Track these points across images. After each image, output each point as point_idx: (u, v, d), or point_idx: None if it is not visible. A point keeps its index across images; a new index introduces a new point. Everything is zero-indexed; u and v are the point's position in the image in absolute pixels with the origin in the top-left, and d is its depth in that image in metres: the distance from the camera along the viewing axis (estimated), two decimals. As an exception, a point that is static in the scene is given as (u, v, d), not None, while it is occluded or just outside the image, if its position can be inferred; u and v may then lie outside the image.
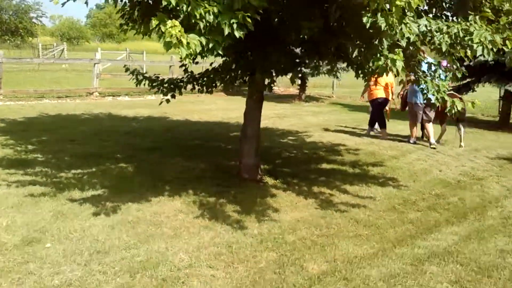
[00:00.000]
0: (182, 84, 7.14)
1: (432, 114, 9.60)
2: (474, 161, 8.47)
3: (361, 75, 6.54)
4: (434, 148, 9.36)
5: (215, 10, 3.78)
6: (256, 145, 6.61)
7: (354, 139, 10.09)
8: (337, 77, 17.82)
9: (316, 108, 16.12)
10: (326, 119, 13.15)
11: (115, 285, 3.53)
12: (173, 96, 7.17)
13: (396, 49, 4.47)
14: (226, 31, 3.83)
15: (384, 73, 7.51)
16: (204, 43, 3.79)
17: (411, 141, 9.82)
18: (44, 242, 4.19)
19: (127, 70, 7.01)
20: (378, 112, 10.66)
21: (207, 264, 3.93)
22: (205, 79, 7.17)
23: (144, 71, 26.15)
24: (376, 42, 4.46)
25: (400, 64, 4.40)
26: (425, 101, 9.07)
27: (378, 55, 4.50)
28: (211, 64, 7.20)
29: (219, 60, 6.71)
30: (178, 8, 3.68)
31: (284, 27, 5.18)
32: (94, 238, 4.31)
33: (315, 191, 6.22)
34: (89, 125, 10.58)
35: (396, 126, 11.57)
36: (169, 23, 3.57)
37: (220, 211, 5.22)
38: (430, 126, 9.66)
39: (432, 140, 9.58)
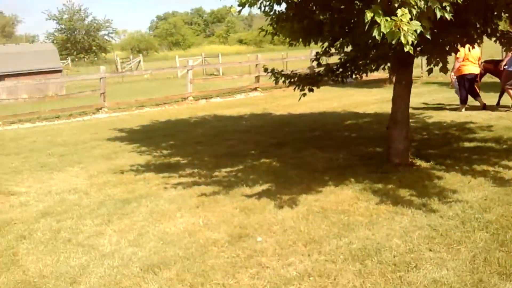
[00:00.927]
0: (319, 77, 7.13)
1: None
2: None
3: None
4: None
5: (426, -5, 3.75)
6: (406, 129, 6.46)
7: (480, 115, 9.67)
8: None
9: (413, 89, 15.59)
10: (432, 99, 12.67)
11: (354, 271, 3.53)
12: (311, 90, 7.21)
13: None
14: (439, 14, 3.78)
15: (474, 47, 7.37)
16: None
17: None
18: (252, 236, 4.28)
19: (265, 70, 7.14)
20: (470, 87, 10.49)
21: (426, 248, 3.86)
22: (341, 69, 7.13)
23: (221, 73, 26.57)
24: None
25: None
26: None
27: None
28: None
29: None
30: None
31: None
32: (297, 230, 4.35)
33: (478, 169, 5.97)
34: (203, 127, 10.82)
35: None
36: (399, 11, 3.57)
37: (397, 196, 5.12)
38: None
39: None
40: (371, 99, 13.71)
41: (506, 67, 10.11)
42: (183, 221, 4.77)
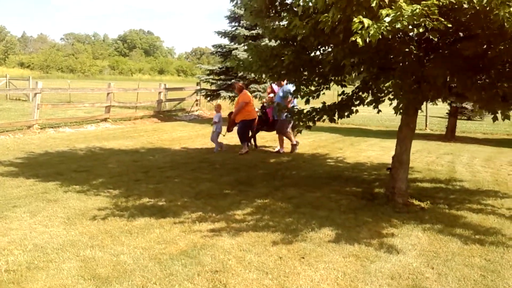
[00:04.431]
0: (317, 115, 7.06)
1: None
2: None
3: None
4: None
5: None
6: (407, 170, 6.81)
7: (376, 156, 10.84)
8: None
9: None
10: (311, 141, 13.52)
11: None
12: (308, 127, 7.08)
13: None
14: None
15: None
16: None
17: (281, 151, 11.18)
18: (420, 282, 3.92)
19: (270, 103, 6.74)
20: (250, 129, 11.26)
21: None
22: (339, 106, 7.19)
23: (31, 99, 23.73)
24: None
25: None
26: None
27: None
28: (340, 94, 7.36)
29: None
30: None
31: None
32: (473, 280, 4.16)
33: (475, 208, 6.55)
34: (110, 162, 9.39)
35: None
36: None
37: (471, 237, 5.26)
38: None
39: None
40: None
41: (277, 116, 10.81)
42: (318, 276, 4.06)
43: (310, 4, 4.70)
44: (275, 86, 11.42)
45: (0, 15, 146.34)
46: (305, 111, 7.10)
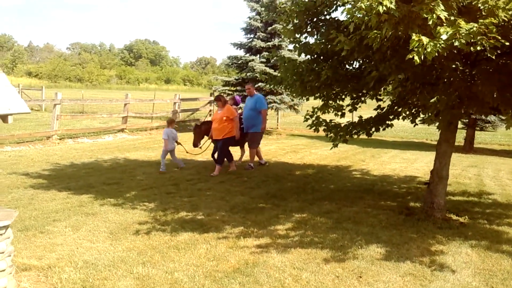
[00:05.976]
0: (354, 129, 7.04)
1: None
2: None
3: None
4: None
5: None
6: (446, 185, 6.78)
7: (401, 168, 10.75)
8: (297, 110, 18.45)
9: (287, 141, 16.39)
10: (331, 152, 13.49)
11: None
12: (345, 141, 7.06)
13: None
14: None
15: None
16: None
17: (263, 162, 10.87)
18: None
19: (308, 116, 6.79)
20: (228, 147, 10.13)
21: None
22: (376, 120, 7.17)
23: (43, 109, 23.73)
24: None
25: None
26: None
27: None
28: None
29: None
30: None
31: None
32: None
33: (516, 223, 6.60)
34: (137, 173, 9.41)
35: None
36: None
37: (503, 250, 5.32)
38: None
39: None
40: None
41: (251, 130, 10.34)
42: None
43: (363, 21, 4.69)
44: (238, 98, 11.19)
45: (7, 25, 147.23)
46: (342, 125, 7.07)
